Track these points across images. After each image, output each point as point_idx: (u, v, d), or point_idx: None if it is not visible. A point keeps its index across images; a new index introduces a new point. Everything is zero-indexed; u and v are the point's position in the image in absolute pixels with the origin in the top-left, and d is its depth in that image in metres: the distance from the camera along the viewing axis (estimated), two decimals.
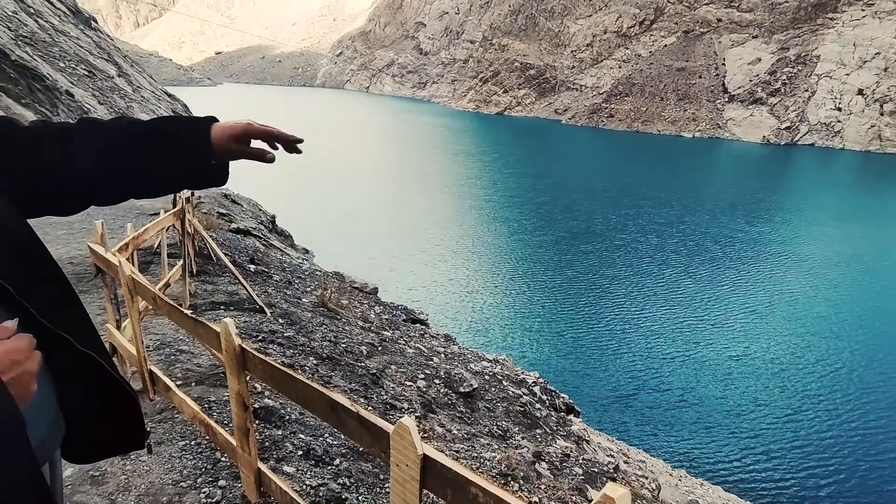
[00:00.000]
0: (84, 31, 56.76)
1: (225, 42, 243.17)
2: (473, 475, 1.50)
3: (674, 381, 16.71)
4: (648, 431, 14.50)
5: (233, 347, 2.38)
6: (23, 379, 0.81)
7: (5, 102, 37.40)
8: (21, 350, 0.81)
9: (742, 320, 20.93)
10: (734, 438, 14.24)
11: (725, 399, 15.90)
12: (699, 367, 17.51)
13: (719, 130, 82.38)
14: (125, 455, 3.40)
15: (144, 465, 3.23)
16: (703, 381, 16.77)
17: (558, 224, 33.32)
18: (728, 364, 17.73)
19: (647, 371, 17.25)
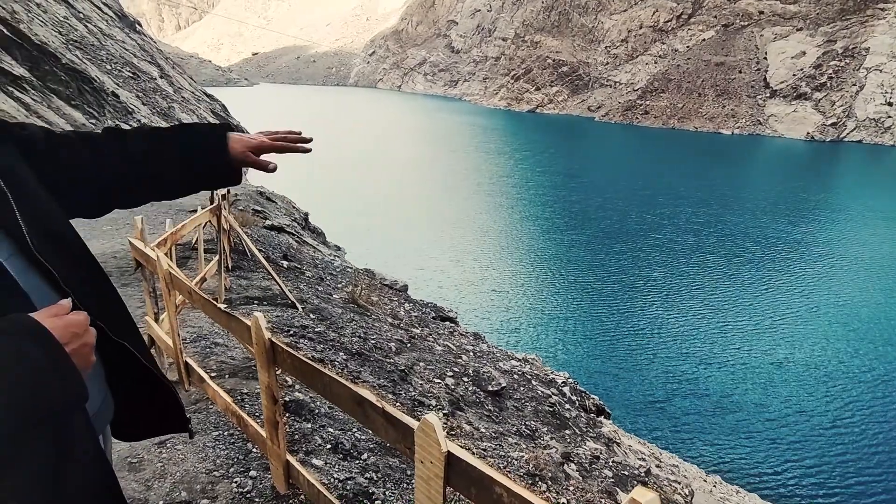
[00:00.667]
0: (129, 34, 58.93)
1: (261, 43, 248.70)
2: (498, 474, 1.49)
3: (711, 387, 16.14)
4: (683, 437, 14.10)
5: (263, 341, 2.42)
6: (83, 351, 0.87)
7: (56, 104, 39.12)
8: (81, 324, 0.88)
9: (785, 325, 20.08)
10: (775, 448, 13.67)
11: (766, 407, 15.25)
12: (738, 372, 16.85)
13: (760, 127, 79.61)
14: (166, 436, 3.51)
15: (179, 454, 3.33)
16: (743, 387, 16.12)
17: (591, 223, 32.74)
18: (769, 370, 17.01)
19: (683, 375, 16.71)
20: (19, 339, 0.79)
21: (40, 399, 0.79)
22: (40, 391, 0.79)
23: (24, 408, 0.77)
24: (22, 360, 0.77)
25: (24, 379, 0.77)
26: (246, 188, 23.33)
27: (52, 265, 1.02)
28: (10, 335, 0.79)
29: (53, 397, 0.81)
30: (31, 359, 0.78)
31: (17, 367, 0.76)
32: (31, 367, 0.78)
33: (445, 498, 1.62)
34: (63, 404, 0.84)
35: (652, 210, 35.90)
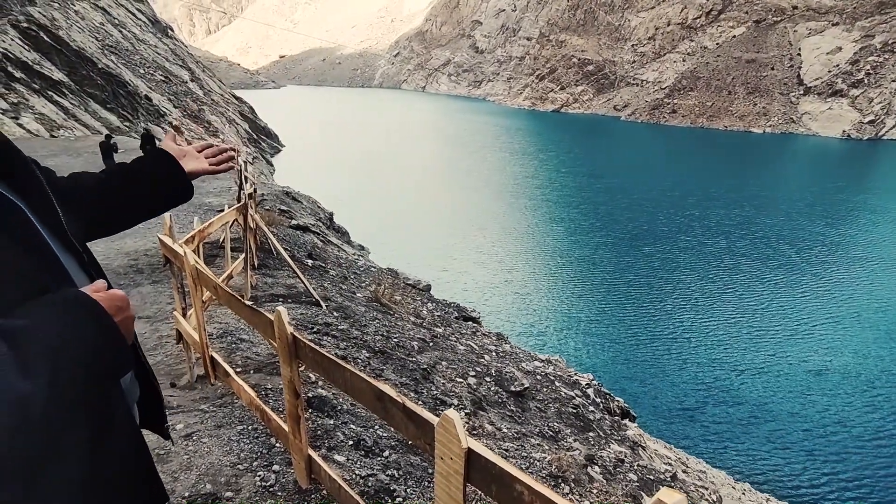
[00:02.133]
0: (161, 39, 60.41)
1: (288, 46, 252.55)
2: (519, 472, 1.46)
3: (744, 394, 15.53)
4: (712, 443, 13.64)
5: (286, 335, 2.44)
6: (126, 323, 0.96)
7: (93, 107, 40.29)
8: (123, 299, 0.96)
9: (823, 331, 19.22)
10: (811, 459, 13.02)
11: (803, 416, 14.59)
12: (773, 380, 16.19)
13: (793, 125, 77.32)
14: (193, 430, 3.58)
15: (205, 447, 3.38)
16: (778, 395, 15.48)
17: (618, 225, 32.10)
18: (807, 378, 16.29)
19: (714, 382, 16.13)
20: (76, 310, 0.87)
21: (96, 366, 0.87)
22: (96, 359, 0.87)
23: (84, 374, 0.84)
24: (79, 330, 0.85)
25: (84, 347, 0.85)
26: (272, 188, 23.72)
27: (82, 249, 1.15)
28: (67, 305, 0.87)
29: (106, 365, 0.90)
30: (87, 329, 0.86)
31: (76, 337, 0.84)
32: (88, 337, 0.86)
33: (465, 495, 1.60)
34: (115, 369, 0.94)
35: (681, 212, 35.04)
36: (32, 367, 0.77)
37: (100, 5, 47.97)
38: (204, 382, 4.23)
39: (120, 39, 46.39)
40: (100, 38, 42.81)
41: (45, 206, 1.10)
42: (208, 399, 4.04)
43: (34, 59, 32.80)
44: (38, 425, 0.77)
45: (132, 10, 54.30)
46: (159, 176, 1.50)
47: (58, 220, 1.11)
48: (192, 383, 4.22)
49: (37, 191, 1.10)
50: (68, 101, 34.00)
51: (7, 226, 0.93)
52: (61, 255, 1.07)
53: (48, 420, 0.79)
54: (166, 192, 1.53)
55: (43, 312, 0.84)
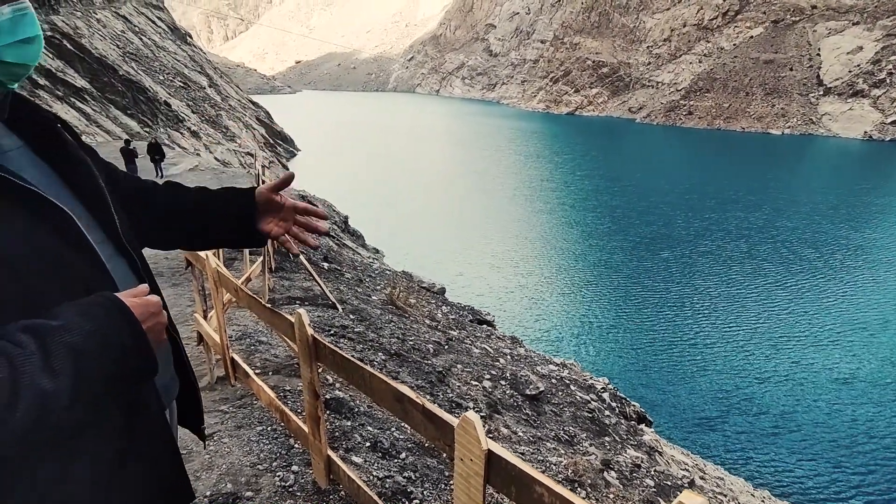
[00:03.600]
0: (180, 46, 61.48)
1: (304, 51, 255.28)
2: (539, 474, 1.47)
3: (765, 403, 15.08)
4: (731, 451, 13.23)
5: (305, 337, 2.48)
6: (156, 328, 0.99)
7: (114, 113, 41.09)
8: (156, 305, 1.00)
9: (849, 338, 18.59)
10: (839, 471, 12.58)
11: (829, 427, 14.10)
12: (798, 389, 15.71)
13: (813, 126, 76.02)
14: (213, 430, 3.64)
15: (226, 447, 3.44)
16: (803, 405, 14.99)
17: (635, 229, 31.64)
18: (833, 387, 15.77)
19: (734, 389, 15.71)
20: (106, 314, 0.90)
21: (120, 368, 0.91)
22: (121, 363, 0.90)
23: (108, 375, 0.88)
24: (107, 331, 0.89)
25: (109, 349, 0.88)
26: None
27: (136, 255, 1.18)
28: (99, 309, 0.90)
29: (131, 367, 0.93)
30: (115, 331, 0.90)
31: (103, 340, 0.88)
32: (114, 339, 0.89)
33: (485, 496, 1.62)
34: (138, 375, 0.96)
35: (700, 215, 34.44)
36: (57, 367, 0.80)
37: (121, 13, 49.02)
38: (224, 384, 4.30)
39: (140, 47, 47.38)
40: (121, 45, 43.77)
41: (100, 206, 1.12)
42: (228, 400, 4.11)
43: (58, 66, 33.61)
44: (58, 423, 0.81)
45: (152, 17, 55.41)
46: (230, 222, 1.44)
47: (111, 221, 1.13)
48: (212, 384, 4.29)
49: (92, 190, 1.12)
50: (90, 108, 34.79)
51: (55, 228, 0.96)
52: (111, 258, 1.09)
53: (68, 418, 0.82)
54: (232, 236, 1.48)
55: (74, 314, 0.87)
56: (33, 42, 0.99)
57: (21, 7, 0.96)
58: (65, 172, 1.10)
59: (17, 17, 0.95)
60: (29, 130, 1.07)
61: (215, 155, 40.07)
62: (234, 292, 3.32)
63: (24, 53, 0.97)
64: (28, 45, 0.98)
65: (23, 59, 0.97)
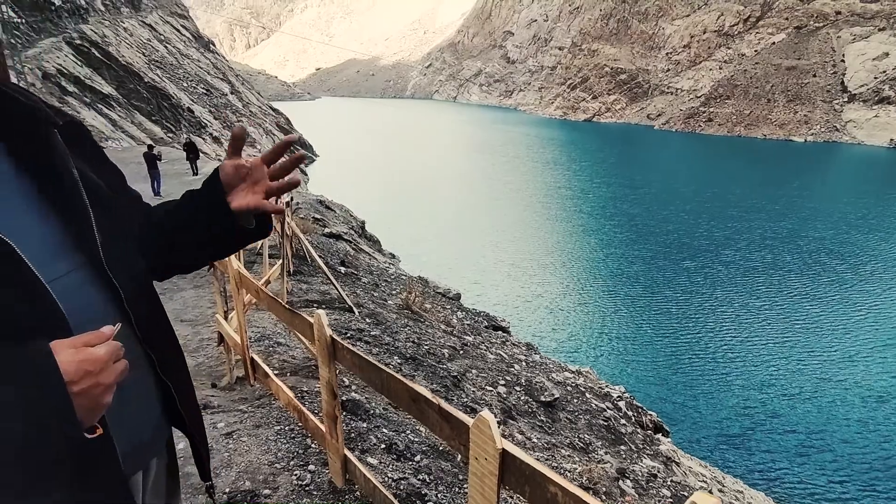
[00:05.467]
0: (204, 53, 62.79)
1: (324, 59, 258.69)
2: (554, 473, 1.49)
3: (791, 419, 14.49)
4: (752, 466, 12.64)
5: (325, 337, 2.54)
6: (93, 392, 0.79)
7: (139, 119, 42.01)
8: (97, 361, 0.80)
9: (882, 353, 17.84)
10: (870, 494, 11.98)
11: (861, 446, 13.47)
12: (827, 406, 15.08)
13: (837, 133, 74.58)
14: (233, 428, 3.71)
15: (244, 445, 3.51)
16: (833, 423, 14.34)
17: (655, 238, 31.04)
18: (866, 406, 15.06)
19: (758, 404, 15.16)
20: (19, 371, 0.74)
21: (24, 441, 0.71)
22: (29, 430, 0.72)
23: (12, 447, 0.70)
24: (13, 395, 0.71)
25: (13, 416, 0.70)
26: (306, 197, 24.26)
27: (120, 284, 0.99)
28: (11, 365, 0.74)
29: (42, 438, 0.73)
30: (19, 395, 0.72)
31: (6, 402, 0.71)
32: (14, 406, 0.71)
33: (499, 495, 1.64)
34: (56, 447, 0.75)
35: (722, 223, 33.69)
36: None
37: (147, 22, 50.28)
38: (243, 384, 4.39)
39: (165, 54, 48.54)
40: (146, 53, 44.89)
41: (81, 226, 0.96)
42: (247, 400, 4.18)
43: (86, 73, 34.58)
44: None
45: (177, 26, 56.74)
46: (200, 219, 1.18)
47: (92, 244, 0.96)
48: (232, 384, 4.37)
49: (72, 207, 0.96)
50: (116, 114, 35.71)
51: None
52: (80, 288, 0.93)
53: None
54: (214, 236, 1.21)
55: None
56: None
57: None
58: (41, 183, 0.94)
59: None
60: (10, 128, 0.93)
61: None
62: (255, 293, 3.39)
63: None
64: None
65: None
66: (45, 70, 31.56)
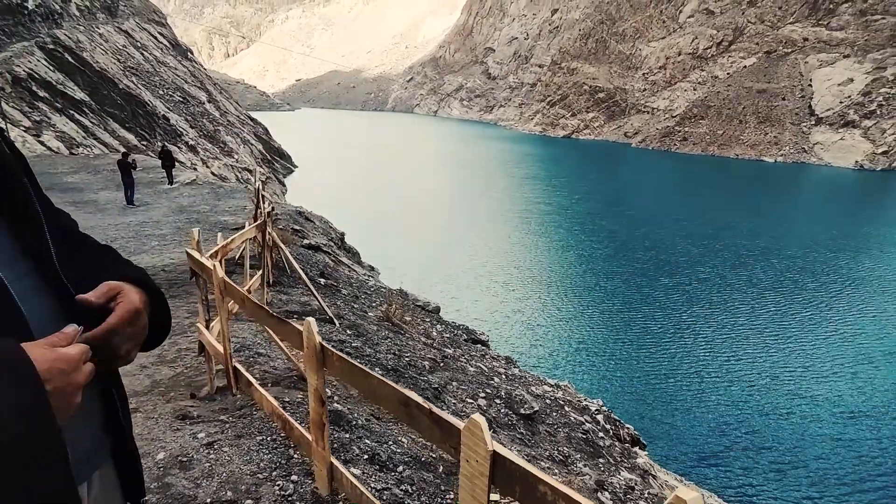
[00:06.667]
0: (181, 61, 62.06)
1: (305, 70, 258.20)
2: (543, 473, 1.54)
3: (766, 435, 14.62)
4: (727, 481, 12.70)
5: (314, 345, 2.54)
6: (66, 390, 0.79)
7: (112, 126, 41.21)
8: (70, 360, 0.80)
9: (853, 371, 18.19)
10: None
11: (833, 462, 13.67)
12: (800, 423, 15.27)
13: (805, 155, 77.30)
14: (214, 437, 3.65)
15: (226, 455, 3.46)
16: (806, 440, 14.53)
17: (632, 254, 31.42)
18: (838, 423, 15.34)
19: (732, 421, 15.34)
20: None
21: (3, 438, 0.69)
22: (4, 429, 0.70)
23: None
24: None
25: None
26: (285, 208, 24.06)
27: (74, 291, 0.98)
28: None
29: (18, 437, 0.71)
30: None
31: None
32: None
33: (489, 496, 1.68)
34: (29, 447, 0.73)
35: (698, 241, 34.14)
36: None
37: (123, 28, 49.59)
38: (223, 394, 4.33)
39: (141, 61, 47.85)
40: (122, 59, 44.19)
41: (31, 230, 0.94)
42: (227, 410, 4.13)
43: (58, 79, 33.86)
44: None
45: (154, 33, 56.07)
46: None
47: (44, 249, 0.95)
48: (212, 394, 4.31)
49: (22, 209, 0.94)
50: (88, 120, 34.97)
51: None
52: (35, 295, 0.92)
53: None
54: None
55: None
56: None
57: None
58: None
59: None
60: None
61: (212, 170, 40.26)
62: (240, 302, 3.37)
63: None
64: None
65: None
66: (16, 74, 30.79)
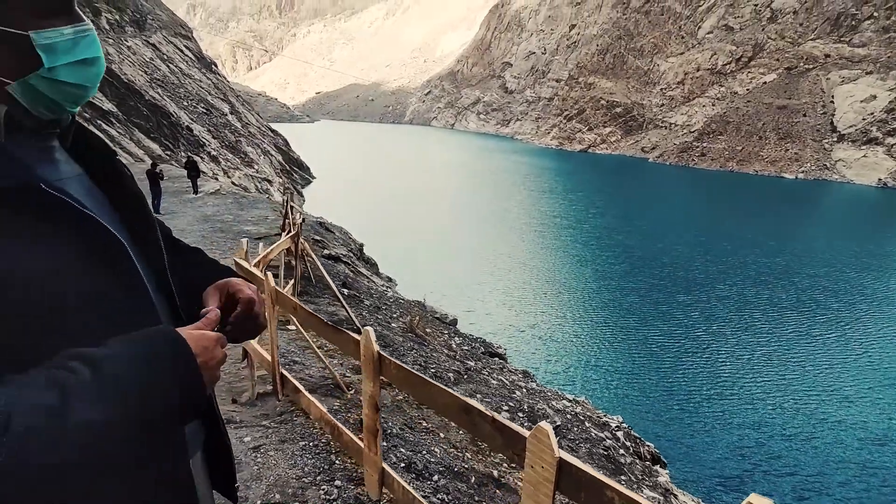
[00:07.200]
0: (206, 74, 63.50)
1: (325, 83, 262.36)
2: (609, 479, 1.62)
3: (789, 460, 14.15)
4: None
5: (371, 353, 2.66)
6: (211, 365, 0.92)
7: (137, 136, 42.28)
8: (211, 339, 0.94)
9: (881, 395, 17.57)
10: None
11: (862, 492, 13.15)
12: (827, 449, 14.72)
13: (826, 172, 76.24)
14: (259, 442, 3.77)
15: (272, 460, 3.58)
16: (832, 466, 13.98)
17: (649, 270, 30.94)
18: (866, 449, 14.77)
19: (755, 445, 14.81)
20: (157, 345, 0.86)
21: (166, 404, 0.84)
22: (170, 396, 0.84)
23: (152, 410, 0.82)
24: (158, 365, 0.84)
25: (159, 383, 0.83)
26: (307, 218, 24.41)
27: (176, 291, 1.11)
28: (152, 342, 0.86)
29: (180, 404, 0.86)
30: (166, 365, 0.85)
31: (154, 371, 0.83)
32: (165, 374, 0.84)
33: (554, 502, 1.76)
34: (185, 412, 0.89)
35: (718, 258, 33.47)
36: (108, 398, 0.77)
37: (151, 42, 51.00)
38: (264, 400, 4.46)
39: (167, 73, 49.10)
40: (149, 71, 45.40)
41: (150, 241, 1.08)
42: (268, 416, 4.25)
43: None
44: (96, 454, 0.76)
45: (180, 46, 57.54)
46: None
47: (159, 257, 1.09)
48: (253, 400, 4.44)
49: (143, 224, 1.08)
50: (115, 130, 35.90)
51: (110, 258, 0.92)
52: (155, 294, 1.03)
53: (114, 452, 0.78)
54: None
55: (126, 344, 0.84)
56: (93, 64, 0.96)
57: (83, 28, 0.92)
58: (118, 204, 1.06)
59: (78, 38, 0.91)
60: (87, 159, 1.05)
61: (233, 179, 41.00)
62: (292, 310, 3.51)
63: (83, 74, 0.93)
64: (87, 66, 0.94)
65: (80, 80, 0.93)
66: None
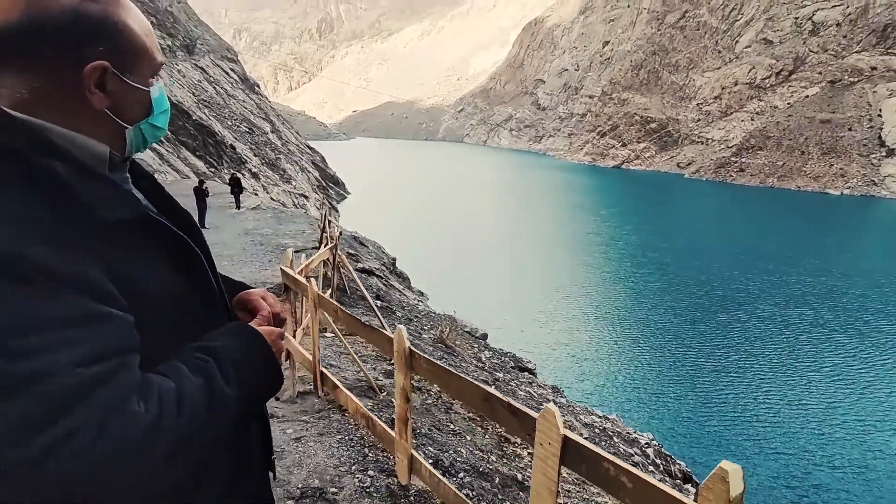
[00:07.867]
0: (249, 94, 66.13)
1: (361, 101, 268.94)
2: (607, 454, 1.88)
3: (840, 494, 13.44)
4: None
5: (403, 349, 2.97)
6: (279, 352, 1.13)
7: (184, 154, 44.24)
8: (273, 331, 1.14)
9: None
10: None
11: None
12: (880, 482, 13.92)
13: (875, 188, 73.26)
14: (300, 433, 4.12)
15: (312, 450, 3.92)
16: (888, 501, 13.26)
17: (686, 288, 30.33)
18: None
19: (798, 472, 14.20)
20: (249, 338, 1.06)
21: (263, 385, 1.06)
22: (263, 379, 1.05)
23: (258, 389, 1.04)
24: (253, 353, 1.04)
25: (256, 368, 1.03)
26: (342, 233, 25.12)
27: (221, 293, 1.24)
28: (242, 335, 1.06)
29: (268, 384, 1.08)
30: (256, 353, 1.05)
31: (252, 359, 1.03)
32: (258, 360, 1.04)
33: (559, 474, 2.02)
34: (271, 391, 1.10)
35: (758, 277, 32.50)
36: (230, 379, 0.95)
37: (199, 65, 53.67)
38: (303, 398, 4.83)
39: (213, 94, 51.55)
40: (196, 93, 47.80)
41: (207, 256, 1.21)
42: (307, 412, 4.61)
43: None
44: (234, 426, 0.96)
45: (226, 69, 60.33)
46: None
47: (212, 267, 1.22)
48: (294, 398, 4.81)
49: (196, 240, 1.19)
50: (164, 148, 37.86)
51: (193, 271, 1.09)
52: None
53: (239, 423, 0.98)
54: None
55: (226, 338, 1.03)
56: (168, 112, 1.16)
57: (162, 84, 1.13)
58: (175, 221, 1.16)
59: (163, 91, 1.12)
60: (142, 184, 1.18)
61: (272, 195, 42.45)
62: (333, 313, 3.87)
63: (165, 119, 1.14)
64: (167, 113, 1.15)
65: (163, 124, 1.13)
66: None
